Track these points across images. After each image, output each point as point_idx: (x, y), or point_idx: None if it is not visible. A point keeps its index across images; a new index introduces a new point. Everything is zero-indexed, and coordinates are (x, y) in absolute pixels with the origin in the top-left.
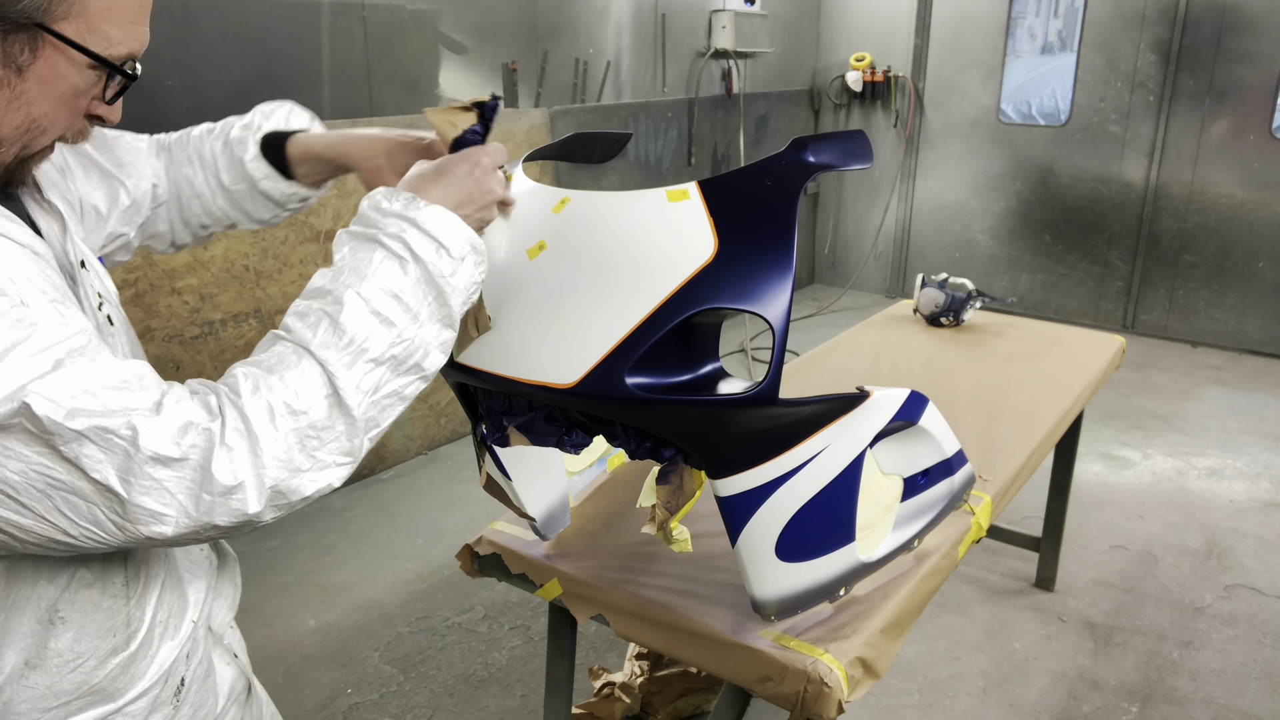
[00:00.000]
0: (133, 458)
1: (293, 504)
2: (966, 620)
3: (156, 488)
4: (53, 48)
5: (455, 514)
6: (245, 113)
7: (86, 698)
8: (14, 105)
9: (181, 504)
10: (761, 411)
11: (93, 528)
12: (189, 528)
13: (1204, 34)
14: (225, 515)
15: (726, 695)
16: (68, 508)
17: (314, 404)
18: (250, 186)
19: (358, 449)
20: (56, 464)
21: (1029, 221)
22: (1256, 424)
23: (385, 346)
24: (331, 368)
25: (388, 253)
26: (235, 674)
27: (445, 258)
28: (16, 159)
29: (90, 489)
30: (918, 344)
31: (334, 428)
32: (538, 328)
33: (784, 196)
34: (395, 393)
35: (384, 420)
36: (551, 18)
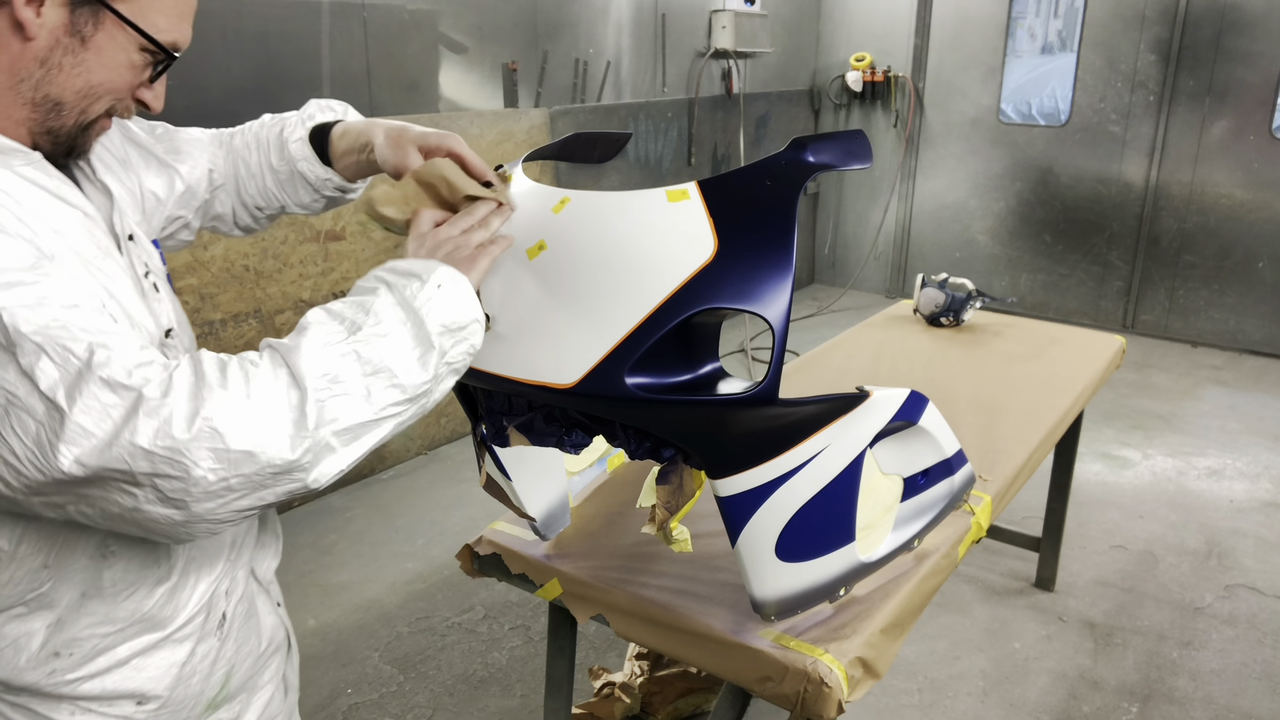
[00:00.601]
0: (84, 378)
1: (230, 452)
2: (966, 620)
3: (97, 408)
4: (111, 23)
5: (455, 514)
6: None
7: (139, 624)
8: (76, 71)
9: (114, 426)
10: (761, 411)
11: (37, 451)
12: (113, 457)
13: (1204, 34)
14: (149, 436)
15: (726, 695)
16: (19, 426)
17: (266, 369)
18: (291, 168)
19: (311, 431)
20: (18, 378)
21: (1029, 221)
22: (1256, 424)
23: (341, 338)
24: (284, 348)
25: (361, 290)
26: (276, 622)
27: (415, 283)
28: (76, 125)
29: (40, 407)
30: (918, 344)
31: (286, 398)
32: (538, 328)
33: (784, 196)
34: (361, 392)
35: (345, 414)
36: (551, 18)
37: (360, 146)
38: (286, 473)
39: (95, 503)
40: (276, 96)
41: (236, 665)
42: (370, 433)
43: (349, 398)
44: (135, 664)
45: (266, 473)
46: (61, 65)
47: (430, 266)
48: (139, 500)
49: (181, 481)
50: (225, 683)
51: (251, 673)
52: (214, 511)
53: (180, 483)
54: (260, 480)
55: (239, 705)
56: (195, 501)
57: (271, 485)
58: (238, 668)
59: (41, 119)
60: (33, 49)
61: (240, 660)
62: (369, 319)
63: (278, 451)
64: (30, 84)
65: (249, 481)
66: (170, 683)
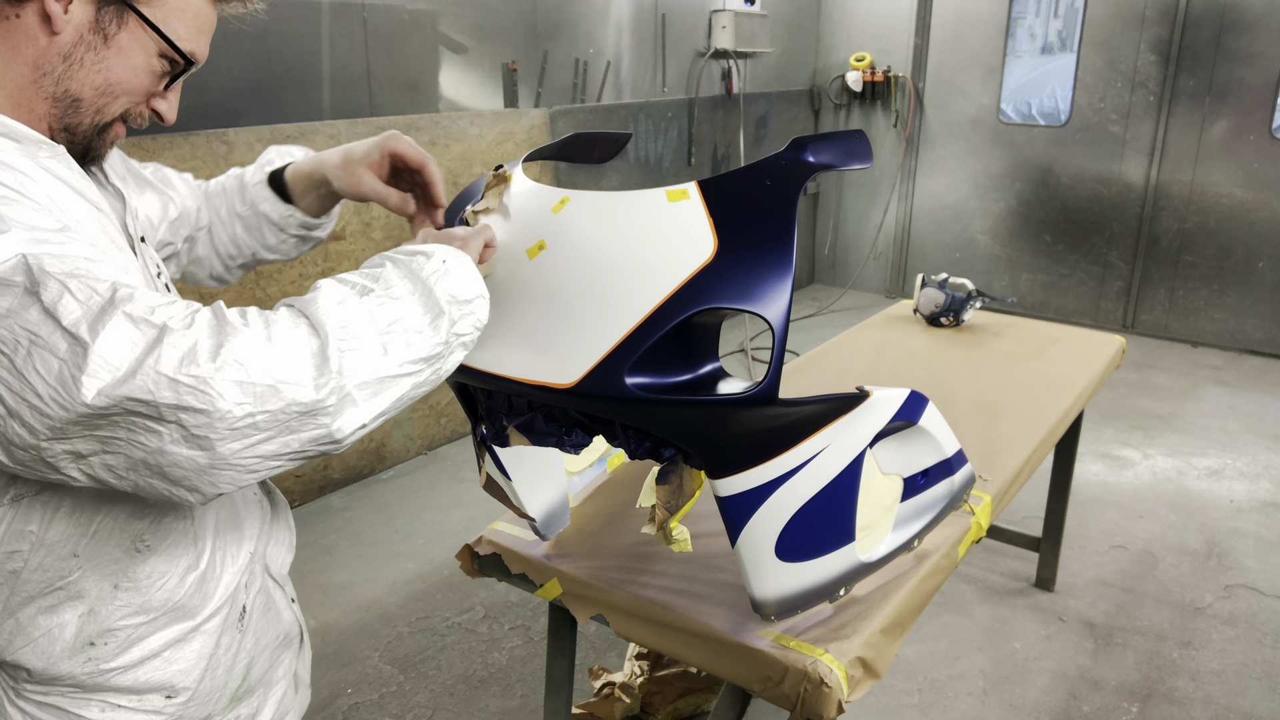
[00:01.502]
0: (107, 313)
1: (255, 384)
2: (966, 620)
3: (120, 341)
4: (135, 24)
5: (455, 514)
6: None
7: (171, 613)
8: (97, 68)
9: (137, 357)
10: (761, 411)
11: (59, 389)
12: (136, 387)
13: (1204, 34)
14: (173, 364)
15: (726, 695)
16: (42, 365)
17: (285, 319)
18: (254, 210)
19: (333, 373)
20: (41, 318)
21: (1029, 221)
22: (1256, 424)
23: (356, 297)
24: (301, 302)
25: (369, 266)
26: (292, 618)
27: (420, 258)
28: (93, 125)
29: (63, 344)
30: (918, 344)
31: (307, 343)
32: (538, 328)
33: (784, 196)
34: (378, 346)
35: (364, 369)
36: (551, 18)
37: (316, 183)
38: (311, 414)
39: (120, 447)
40: (276, 96)
41: (256, 657)
42: (389, 389)
43: (367, 351)
44: (166, 655)
45: (291, 411)
46: (83, 61)
47: (433, 247)
48: (163, 440)
49: (206, 415)
50: (246, 675)
51: (268, 666)
52: (239, 454)
53: (205, 416)
54: (285, 420)
55: (257, 700)
56: (220, 440)
57: (297, 429)
58: (257, 660)
59: (61, 114)
60: (58, 43)
61: (259, 652)
62: (379, 285)
63: (302, 389)
64: (52, 78)
65: (274, 420)
66: (198, 675)
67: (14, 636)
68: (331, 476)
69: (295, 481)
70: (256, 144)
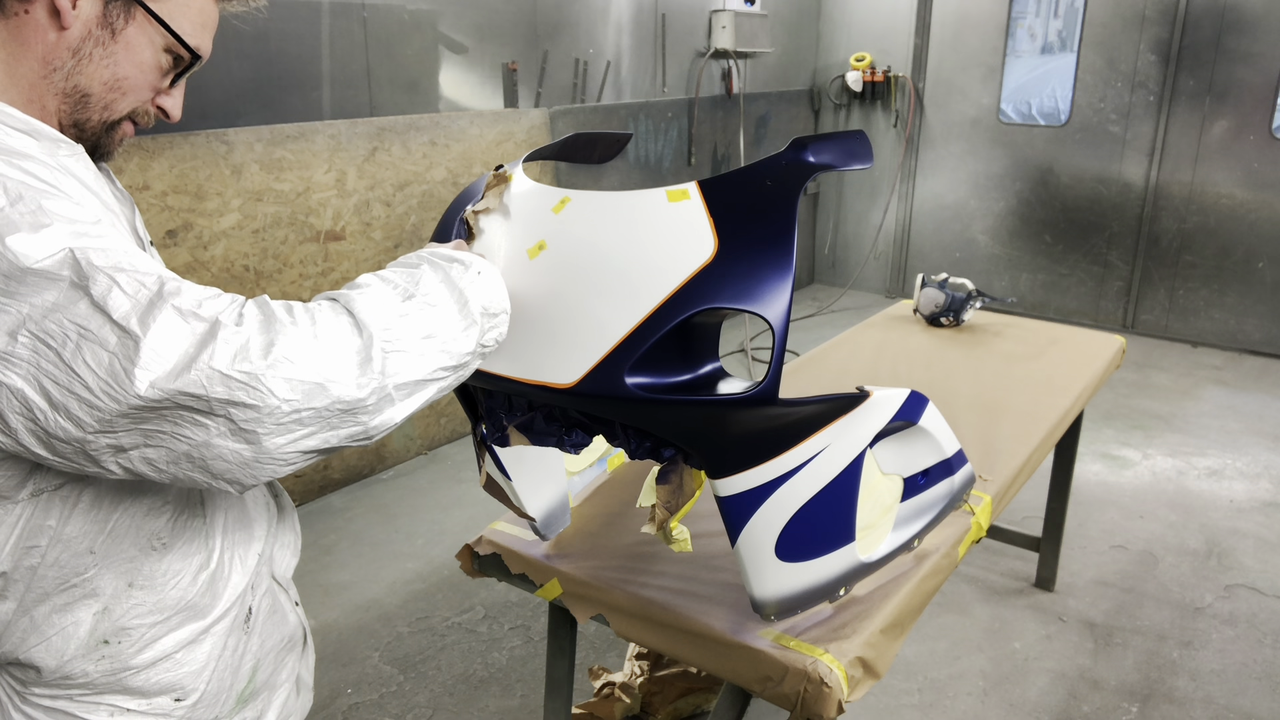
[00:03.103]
0: (156, 306)
1: (304, 382)
2: (966, 620)
3: (170, 334)
4: (142, 18)
5: (455, 514)
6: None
7: (184, 613)
8: (105, 63)
9: (188, 352)
10: (761, 411)
11: (110, 381)
12: (190, 381)
13: (1204, 34)
14: (227, 360)
15: (726, 695)
16: (92, 358)
17: (330, 315)
18: None
19: (376, 373)
20: (90, 312)
21: (1029, 221)
22: (1256, 424)
23: (397, 301)
24: (344, 298)
25: (406, 264)
26: (296, 621)
27: (458, 266)
28: (101, 122)
29: (113, 337)
30: (918, 344)
31: (351, 341)
32: (538, 328)
33: (784, 196)
34: (416, 352)
35: (404, 371)
36: (551, 18)
37: None
38: (352, 412)
39: (164, 441)
40: (276, 96)
41: (261, 660)
42: (421, 392)
43: (406, 354)
44: (178, 657)
45: (335, 409)
46: (92, 56)
47: (468, 256)
48: (210, 433)
49: (256, 410)
50: (252, 677)
51: (273, 669)
52: (283, 448)
53: (254, 411)
54: (328, 417)
55: (261, 704)
56: (267, 435)
57: (338, 425)
58: (262, 662)
59: (70, 110)
60: (67, 38)
61: (264, 654)
62: (419, 289)
63: (346, 387)
64: (62, 73)
65: (318, 416)
66: (207, 676)
67: (28, 635)
68: (331, 476)
69: (295, 482)
70: (256, 144)
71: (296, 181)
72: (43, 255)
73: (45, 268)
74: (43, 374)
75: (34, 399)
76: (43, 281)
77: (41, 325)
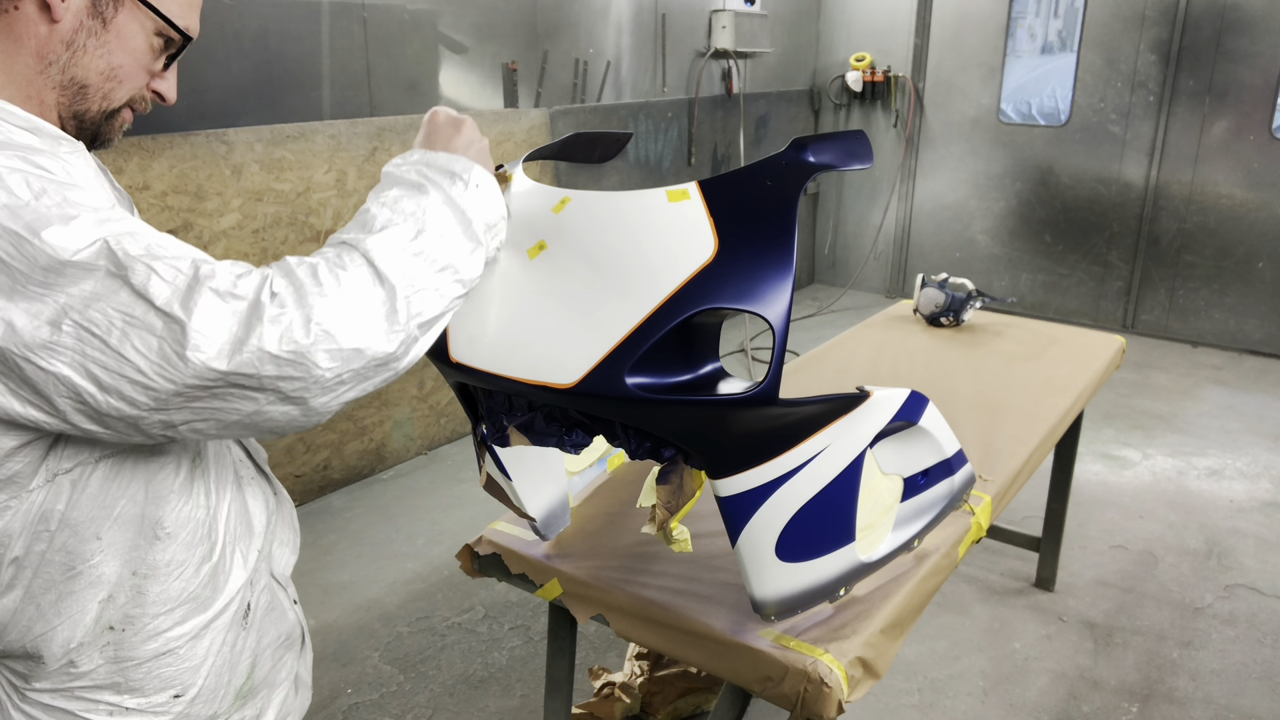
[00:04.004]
0: (194, 290)
1: (342, 350)
2: (966, 620)
3: (213, 316)
4: (130, 5)
5: (455, 514)
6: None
7: (187, 604)
8: (99, 53)
9: (235, 333)
10: (761, 411)
11: (163, 363)
12: (243, 362)
13: (1204, 34)
14: (275, 341)
15: (726, 695)
16: (141, 343)
17: (353, 270)
18: None
19: (404, 326)
20: (133, 300)
21: (1029, 221)
22: (1256, 424)
23: (410, 237)
24: (365, 247)
25: (408, 184)
26: (294, 619)
27: (459, 184)
28: (100, 111)
29: (159, 322)
30: (918, 344)
31: (375, 295)
32: (538, 328)
33: (784, 196)
34: (433, 288)
35: (427, 310)
36: (551, 18)
37: None
38: (385, 364)
39: (215, 414)
40: (276, 96)
41: (259, 656)
42: (439, 322)
43: (425, 293)
44: (180, 652)
45: (371, 365)
46: (85, 47)
47: (465, 165)
48: (260, 404)
49: (302, 381)
50: (250, 673)
51: (272, 666)
52: (327, 404)
53: (301, 382)
54: (365, 373)
55: (261, 701)
56: (313, 397)
57: (373, 376)
58: (260, 658)
59: (69, 102)
60: (59, 31)
61: (262, 651)
62: (428, 219)
63: (380, 346)
64: (58, 67)
65: (357, 375)
66: (205, 671)
67: (34, 623)
68: (331, 476)
69: (295, 481)
70: (256, 144)
71: (297, 181)
72: (79, 246)
73: (83, 259)
74: (89, 360)
75: (82, 384)
76: (80, 272)
77: (85, 314)
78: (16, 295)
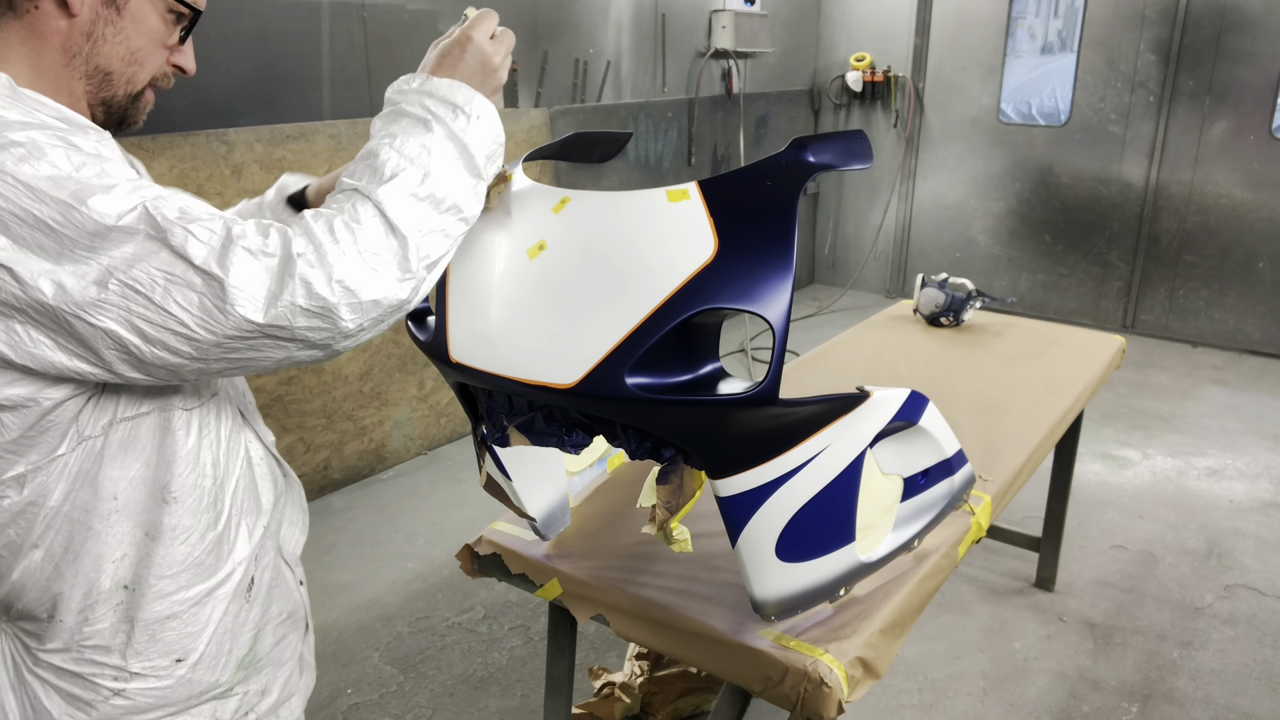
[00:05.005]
0: (229, 249)
1: (362, 304)
2: (966, 620)
3: (248, 273)
4: None
5: (455, 514)
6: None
7: (193, 570)
8: (118, 39)
9: (270, 288)
10: (761, 411)
11: (204, 316)
12: (278, 315)
13: (1204, 34)
14: (305, 297)
15: (726, 695)
16: (183, 299)
17: (367, 223)
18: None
19: (415, 272)
20: (172, 260)
21: (1029, 221)
22: (1256, 424)
23: (418, 182)
24: (378, 198)
25: (413, 119)
26: (299, 600)
27: (461, 117)
28: (126, 95)
29: (198, 279)
30: (918, 344)
31: (389, 246)
32: (538, 328)
33: (784, 196)
34: (440, 229)
35: (434, 252)
36: (551, 18)
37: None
38: (398, 309)
39: (249, 363)
40: (276, 96)
41: (262, 630)
42: (445, 260)
43: (434, 235)
44: (184, 616)
45: (387, 312)
46: (105, 36)
47: (467, 95)
48: (290, 350)
49: (329, 332)
50: (252, 646)
51: (275, 642)
52: (348, 346)
53: (328, 333)
54: (381, 318)
55: (265, 678)
56: (336, 343)
57: (387, 319)
58: (263, 632)
59: (96, 90)
60: (78, 24)
61: (265, 625)
62: (433, 159)
63: (395, 294)
64: (82, 58)
65: (375, 321)
66: (206, 638)
67: (52, 581)
68: (331, 476)
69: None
70: (256, 144)
71: None
72: (121, 211)
73: (126, 224)
74: (134, 315)
75: (128, 338)
76: (123, 236)
77: (129, 274)
78: (64, 259)
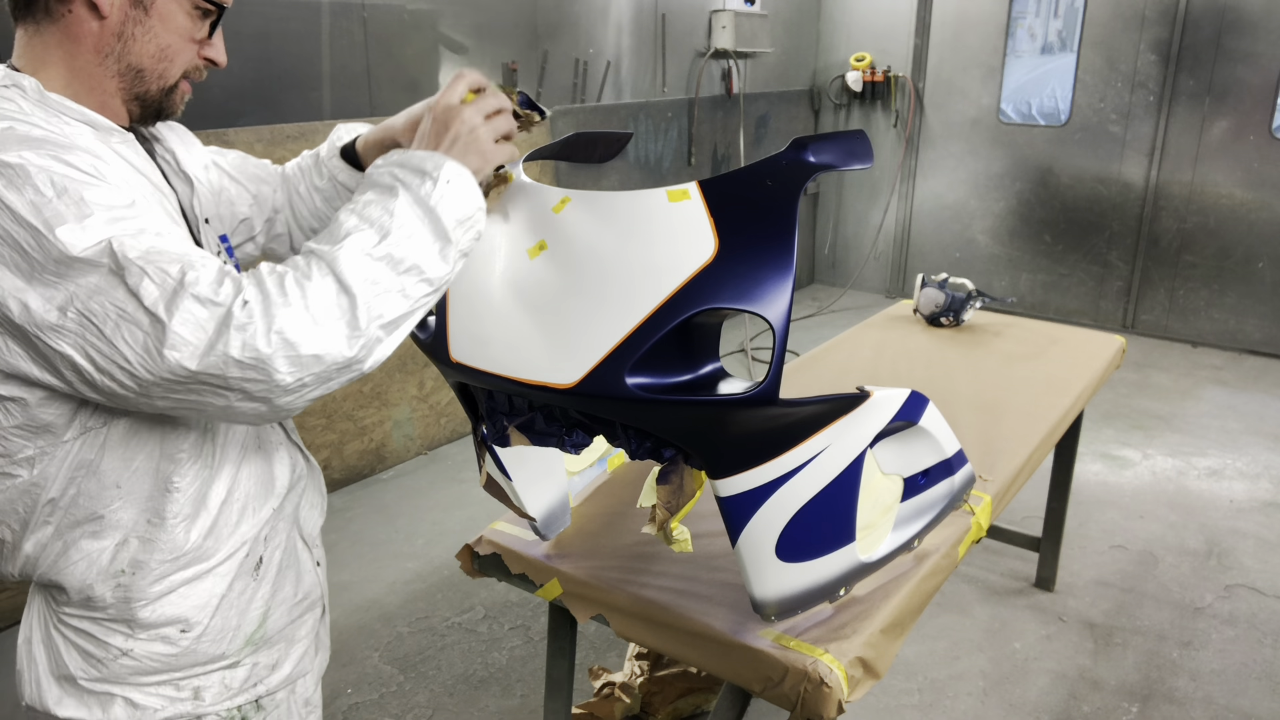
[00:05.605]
0: (178, 295)
1: (301, 358)
2: (966, 620)
3: (191, 320)
4: None
5: (455, 514)
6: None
7: (188, 554)
8: (147, 38)
9: (209, 337)
10: (762, 411)
11: (145, 356)
12: (211, 364)
13: (1204, 34)
14: (239, 348)
15: (726, 695)
16: (130, 336)
17: (317, 280)
18: (332, 180)
19: (365, 330)
20: (126, 298)
21: (1029, 221)
22: (1256, 424)
23: (374, 243)
24: (330, 256)
25: (381, 187)
26: (314, 581)
27: (429, 182)
28: (160, 89)
29: (145, 320)
30: (918, 344)
31: (338, 303)
32: (538, 328)
33: (784, 196)
34: (398, 290)
35: (389, 312)
36: (551, 18)
37: (386, 149)
38: (347, 367)
39: (192, 405)
40: (276, 96)
41: (273, 608)
42: (407, 321)
43: (389, 294)
44: (182, 592)
45: (332, 369)
46: (135, 35)
47: (437, 162)
48: (229, 400)
49: (265, 384)
50: (262, 622)
51: (288, 620)
52: (292, 403)
53: (264, 385)
54: (327, 375)
55: (278, 653)
56: (276, 397)
57: (336, 378)
58: (274, 610)
59: (129, 87)
60: (109, 25)
61: (276, 604)
62: (394, 221)
63: (340, 351)
64: (114, 57)
65: (318, 378)
66: (210, 611)
67: (59, 558)
68: (332, 476)
69: None
70: (256, 144)
71: None
72: (87, 245)
73: (89, 256)
74: (88, 344)
75: (82, 363)
76: (86, 267)
77: (87, 304)
78: (34, 280)
